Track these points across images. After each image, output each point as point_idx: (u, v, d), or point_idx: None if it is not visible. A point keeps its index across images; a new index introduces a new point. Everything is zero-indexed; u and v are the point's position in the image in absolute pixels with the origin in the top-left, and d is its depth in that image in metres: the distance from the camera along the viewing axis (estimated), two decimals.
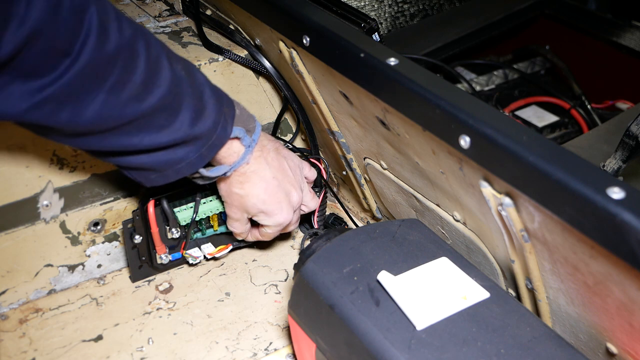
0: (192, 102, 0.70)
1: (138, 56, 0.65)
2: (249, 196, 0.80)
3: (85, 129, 0.66)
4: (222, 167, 0.77)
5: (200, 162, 0.74)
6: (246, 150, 0.77)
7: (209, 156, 0.74)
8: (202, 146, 0.73)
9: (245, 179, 0.79)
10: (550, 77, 1.38)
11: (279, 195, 0.81)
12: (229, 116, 0.75)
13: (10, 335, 0.82)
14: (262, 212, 0.82)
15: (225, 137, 0.74)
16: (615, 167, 0.79)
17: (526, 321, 0.60)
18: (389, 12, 1.32)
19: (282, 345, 0.81)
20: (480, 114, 0.60)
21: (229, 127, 0.75)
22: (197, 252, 0.91)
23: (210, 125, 0.72)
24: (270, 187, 0.80)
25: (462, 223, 0.75)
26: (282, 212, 0.82)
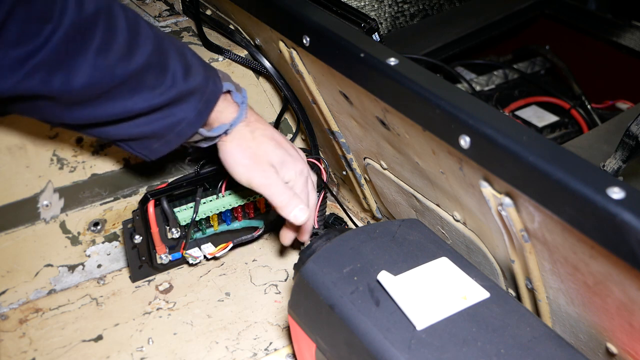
0: (178, 59, 0.71)
1: (117, 17, 0.66)
2: (264, 140, 0.79)
3: (80, 95, 0.66)
4: (223, 126, 0.76)
5: (199, 119, 0.74)
6: (241, 106, 0.77)
7: (206, 112, 0.74)
8: (197, 102, 0.73)
9: (252, 127, 0.78)
10: (550, 77, 1.38)
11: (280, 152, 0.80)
12: (215, 73, 0.76)
13: (10, 335, 0.82)
14: (283, 155, 0.80)
15: (218, 91, 0.75)
16: (615, 167, 0.79)
17: (526, 321, 0.60)
18: (389, 12, 1.32)
19: (282, 345, 0.81)
20: (480, 114, 0.60)
21: (219, 82, 0.75)
22: (197, 252, 0.91)
23: (201, 80, 0.73)
24: (277, 136, 0.80)
25: (462, 223, 0.75)
26: (298, 158, 0.82)
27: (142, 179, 0.93)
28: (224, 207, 0.88)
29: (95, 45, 0.65)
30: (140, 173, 0.93)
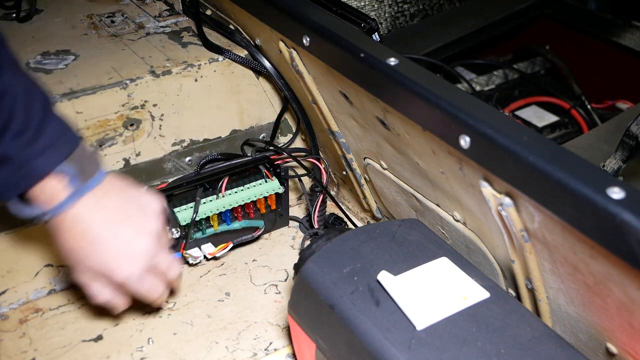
0: (18, 118, 0.62)
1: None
2: (81, 252, 0.69)
3: None
4: (37, 208, 0.66)
5: (10, 190, 0.64)
6: (72, 195, 0.66)
7: (21, 186, 0.64)
8: (14, 171, 0.63)
9: (67, 227, 0.68)
10: (550, 77, 1.38)
11: (114, 247, 0.69)
12: (61, 151, 0.65)
13: (10, 335, 0.82)
14: (100, 269, 0.70)
15: (46, 169, 0.64)
16: (615, 167, 0.79)
17: (526, 321, 0.60)
18: (389, 12, 1.32)
19: (282, 345, 0.81)
20: (480, 114, 0.60)
21: (56, 160, 0.64)
22: (197, 252, 0.91)
23: (29, 151, 0.62)
24: (102, 240, 0.68)
25: (462, 223, 0.75)
26: (120, 267, 0.69)
27: (142, 179, 0.93)
28: (224, 207, 0.88)
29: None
30: (140, 173, 0.93)
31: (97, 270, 0.70)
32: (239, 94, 0.98)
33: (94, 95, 0.85)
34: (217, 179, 0.89)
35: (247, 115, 1.00)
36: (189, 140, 0.96)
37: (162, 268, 0.74)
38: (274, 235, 0.99)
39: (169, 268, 0.75)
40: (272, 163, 0.92)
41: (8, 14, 1.07)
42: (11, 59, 0.64)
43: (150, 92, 0.90)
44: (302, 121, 0.96)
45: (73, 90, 0.85)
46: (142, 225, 0.71)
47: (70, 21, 1.05)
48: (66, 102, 0.83)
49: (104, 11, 1.09)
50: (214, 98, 0.96)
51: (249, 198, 0.90)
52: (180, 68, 0.92)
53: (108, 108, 0.87)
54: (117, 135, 0.88)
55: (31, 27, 1.03)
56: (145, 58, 0.94)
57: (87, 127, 0.86)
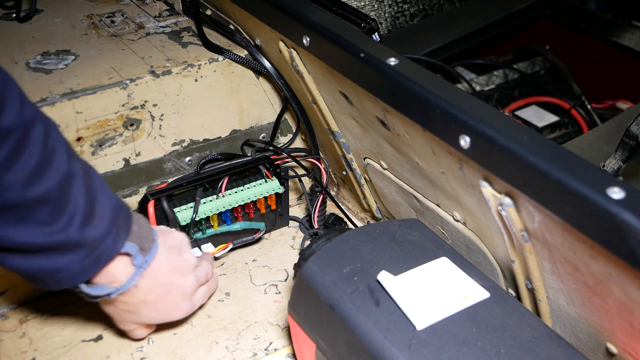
0: (82, 204, 0.64)
1: (33, 139, 0.60)
2: (140, 313, 0.75)
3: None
4: (106, 287, 0.70)
5: (82, 275, 0.67)
6: (136, 271, 0.70)
7: (92, 270, 0.67)
8: (85, 257, 0.66)
9: (132, 298, 0.73)
10: (550, 77, 1.38)
11: (171, 298, 0.76)
12: (123, 230, 0.69)
13: (10, 335, 0.82)
14: (160, 321, 0.78)
15: (114, 251, 0.68)
16: (615, 167, 0.79)
17: (526, 321, 0.60)
18: (389, 12, 1.32)
19: (282, 345, 0.81)
20: (480, 114, 0.60)
21: (121, 241, 0.68)
22: (197, 252, 0.91)
23: (98, 235, 0.65)
24: (161, 299, 0.75)
25: (462, 223, 0.75)
26: (180, 310, 0.78)
27: (142, 179, 0.93)
28: (224, 207, 0.88)
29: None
30: (140, 173, 0.93)
31: (154, 322, 0.79)
32: (239, 94, 0.98)
33: (94, 95, 0.85)
34: (217, 179, 0.89)
35: (247, 115, 1.00)
36: (189, 140, 0.96)
37: (202, 280, 0.81)
38: (274, 235, 0.99)
39: (207, 274, 0.82)
40: (272, 163, 0.92)
41: (8, 14, 1.07)
42: (67, 143, 0.66)
43: (150, 92, 0.90)
44: (302, 121, 0.96)
45: (73, 90, 0.85)
46: (185, 267, 0.77)
47: (70, 21, 1.05)
48: (66, 102, 0.83)
49: (104, 11, 1.09)
50: (214, 98, 0.96)
51: (249, 198, 0.90)
52: (180, 68, 0.92)
53: (108, 108, 0.87)
54: (117, 135, 0.89)
55: (31, 27, 1.03)
56: (145, 58, 0.94)
57: (87, 127, 0.86)
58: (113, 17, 1.07)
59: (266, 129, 1.03)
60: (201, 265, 0.81)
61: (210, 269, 0.83)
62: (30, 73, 0.89)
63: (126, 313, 0.75)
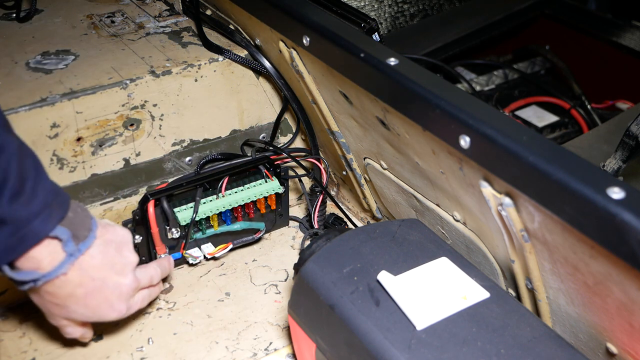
0: (12, 179, 0.60)
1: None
2: (69, 308, 0.70)
3: None
4: (32, 273, 0.65)
5: (5, 254, 0.63)
6: (66, 259, 0.66)
7: (17, 250, 0.63)
8: (10, 235, 0.61)
9: (53, 289, 0.68)
10: (550, 77, 1.38)
11: (104, 296, 0.71)
12: (56, 213, 0.64)
13: (10, 335, 0.82)
14: (91, 319, 0.73)
15: (42, 233, 0.63)
16: (615, 167, 0.79)
17: (526, 321, 0.60)
18: (389, 12, 1.32)
19: (282, 345, 0.81)
20: (480, 114, 0.60)
21: (51, 224, 0.64)
22: (197, 252, 0.91)
23: (26, 213, 0.61)
24: (92, 294, 0.70)
25: (462, 223, 0.75)
26: (114, 310, 0.73)
27: (142, 179, 0.93)
28: (224, 207, 0.88)
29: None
30: (140, 173, 0.93)
31: (85, 320, 0.73)
32: (239, 94, 0.98)
33: (94, 95, 0.85)
34: (217, 179, 0.89)
35: (247, 115, 1.00)
36: (189, 140, 0.96)
37: (145, 283, 0.77)
38: (274, 235, 0.99)
39: (152, 278, 0.78)
40: (272, 163, 0.92)
41: (8, 14, 1.07)
42: (3, 118, 0.63)
43: (150, 92, 0.90)
44: (302, 121, 0.96)
45: (73, 90, 0.85)
46: (123, 265, 0.73)
47: (70, 21, 1.05)
48: (66, 102, 0.83)
49: (104, 11, 1.09)
50: (214, 98, 0.96)
51: (249, 198, 0.90)
52: (180, 68, 0.92)
53: (108, 108, 0.87)
54: (117, 135, 0.89)
55: (31, 27, 1.03)
56: (145, 58, 0.94)
57: (87, 127, 0.86)
58: (113, 17, 1.07)
59: (266, 129, 1.03)
60: (148, 267, 0.78)
61: (158, 273, 0.79)
62: (30, 73, 0.89)
63: (54, 306, 0.70)
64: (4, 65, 0.91)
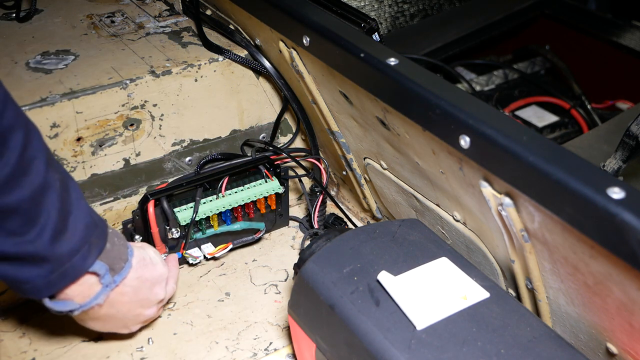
0: (54, 218, 0.62)
1: (9, 149, 0.58)
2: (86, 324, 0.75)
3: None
4: (69, 304, 0.69)
5: (46, 289, 0.66)
6: (102, 290, 0.69)
7: (58, 285, 0.66)
8: (51, 272, 0.64)
9: (86, 316, 0.72)
10: (550, 77, 1.38)
11: (124, 322, 0.77)
12: (95, 248, 0.67)
13: (10, 335, 0.82)
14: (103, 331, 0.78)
15: (82, 269, 0.66)
16: (615, 167, 0.79)
17: (526, 321, 0.60)
18: (389, 12, 1.32)
19: (282, 345, 0.81)
20: (480, 114, 0.60)
21: (90, 259, 0.67)
22: (197, 252, 0.91)
23: (67, 251, 0.64)
24: (113, 320, 0.75)
25: (462, 223, 0.75)
26: (129, 330, 0.79)
27: (142, 179, 0.93)
28: (223, 207, 0.88)
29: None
30: (140, 173, 0.93)
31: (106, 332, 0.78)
32: (239, 94, 0.98)
33: (94, 95, 0.85)
34: (217, 179, 0.89)
35: (247, 115, 1.00)
36: (189, 140, 0.96)
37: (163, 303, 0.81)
38: (274, 235, 0.99)
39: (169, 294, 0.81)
40: (272, 163, 0.92)
41: (8, 14, 1.07)
42: (48, 152, 0.64)
43: (150, 92, 0.90)
44: (302, 121, 0.96)
45: (73, 90, 0.85)
46: (151, 300, 0.77)
47: (70, 21, 1.05)
48: (66, 102, 0.83)
49: (104, 11, 1.09)
50: (214, 98, 0.96)
51: (249, 198, 0.90)
52: (180, 68, 0.92)
53: (108, 108, 0.87)
54: (117, 135, 0.89)
55: (31, 27, 1.03)
56: (145, 58, 0.94)
57: (87, 127, 0.86)
58: (113, 17, 1.07)
59: (266, 129, 1.03)
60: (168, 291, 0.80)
61: (174, 289, 0.82)
62: (30, 73, 0.89)
63: (84, 323, 0.75)
64: (4, 65, 0.91)
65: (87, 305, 0.69)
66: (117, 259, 0.70)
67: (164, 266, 0.78)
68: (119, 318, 0.75)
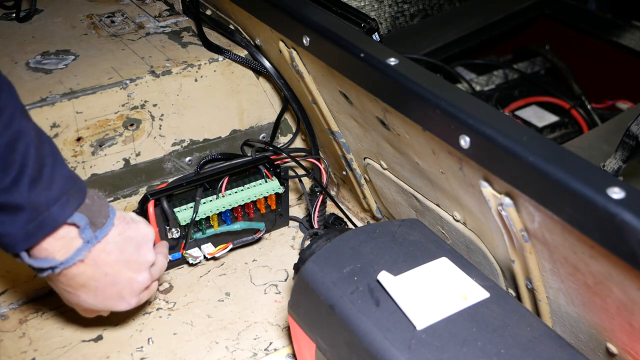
0: (31, 165, 0.60)
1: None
2: (79, 297, 0.72)
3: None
4: (50, 260, 0.65)
5: (24, 241, 0.63)
6: (83, 246, 0.66)
7: (35, 237, 0.63)
8: (29, 221, 0.61)
9: (69, 277, 0.69)
10: (550, 77, 1.38)
11: (116, 290, 0.72)
12: (74, 199, 0.64)
13: (10, 335, 0.82)
14: (100, 308, 0.75)
15: (60, 219, 0.63)
16: (615, 167, 0.79)
17: (526, 321, 0.60)
18: (389, 12, 1.32)
19: (282, 345, 0.81)
20: (480, 114, 0.60)
21: (69, 210, 0.64)
22: (197, 252, 0.91)
23: (45, 200, 0.62)
24: (104, 288, 0.71)
25: (462, 223, 0.75)
26: (125, 302, 0.74)
27: (142, 179, 0.93)
28: (223, 207, 0.88)
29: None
30: (140, 173, 0.93)
31: (97, 309, 0.75)
32: (239, 94, 0.98)
33: (94, 95, 0.85)
34: (217, 179, 0.89)
35: (247, 115, 1.00)
36: (189, 140, 0.96)
37: (156, 277, 0.77)
38: (274, 235, 0.99)
39: (161, 270, 0.78)
40: (272, 163, 0.92)
41: (8, 13, 1.07)
42: (21, 105, 0.62)
43: (150, 92, 0.90)
44: (302, 121, 0.96)
45: (73, 90, 0.85)
46: (139, 262, 0.73)
47: (70, 21, 1.05)
48: (66, 102, 0.83)
49: (104, 11, 1.09)
50: (214, 98, 0.96)
51: (249, 198, 0.90)
52: (180, 68, 0.92)
53: (108, 108, 0.87)
54: (117, 135, 0.89)
55: (31, 27, 1.03)
56: (145, 58, 0.94)
57: (87, 127, 0.86)
58: (113, 17, 1.07)
59: (266, 129, 1.03)
60: (157, 261, 0.78)
61: (165, 263, 0.80)
62: (30, 73, 0.89)
63: (67, 293, 0.72)
64: (4, 65, 0.91)
65: (69, 262, 0.66)
66: (98, 214, 0.67)
67: (148, 226, 0.75)
68: (110, 283, 0.71)
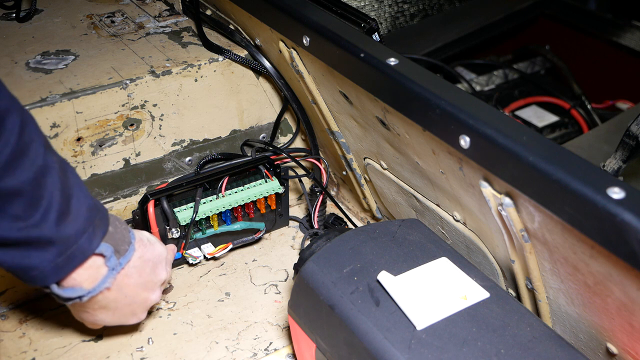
0: (58, 199, 0.61)
1: (7, 130, 0.57)
2: (96, 317, 0.74)
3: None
4: (78, 290, 0.67)
5: (54, 274, 0.64)
6: (109, 273, 0.68)
7: (65, 269, 0.65)
8: (58, 255, 0.63)
9: (96, 305, 0.71)
10: (550, 77, 1.38)
11: (131, 309, 0.75)
12: (99, 229, 0.66)
13: (10, 335, 0.82)
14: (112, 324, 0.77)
15: (88, 251, 0.65)
16: (615, 167, 0.79)
17: (526, 321, 0.60)
18: (389, 12, 1.32)
19: (282, 345, 0.81)
20: (480, 114, 0.60)
21: (96, 241, 0.66)
22: (197, 252, 0.91)
23: (73, 232, 0.63)
24: (121, 308, 0.74)
25: (462, 223, 0.75)
26: (137, 318, 0.77)
27: (142, 179, 0.93)
28: (223, 207, 0.88)
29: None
30: (140, 173, 0.93)
31: (109, 325, 0.77)
32: (239, 94, 0.98)
33: (94, 95, 0.85)
34: (217, 179, 0.89)
35: (247, 115, 1.00)
36: (189, 140, 0.96)
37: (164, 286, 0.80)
38: (274, 235, 0.99)
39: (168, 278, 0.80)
40: (272, 163, 0.92)
41: (8, 14, 1.07)
42: (44, 138, 0.63)
43: (150, 92, 0.90)
44: (302, 121, 0.96)
45: (73, 90, 0.85)
46: (154, 282, 0.76)
47: (70, 21, 1.05)
48: (66, 102, 0.83)
49: (104, 11, 1.09)
50: (214, 98, 0.96)
51: (249, 198, 0.90)
52: (180, 68, 0.92)
53: (108, 108, 0.87)
54: (117, 135, 0.89)
55: (31, 27, 1.03)
56: (145, 58, 0.94)
57: (87, 127, 0.86)
58: (113, 17, 1.07)
59: (266, 129, 1.03)
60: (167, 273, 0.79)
61: (170, 272, 0.81)
62: (30, 73, 0.89)
63: (83, 314, 0.74)
64: (4, 65, 0.91)
65: (96, 290, 0.68)
66: (121, 242, 0.69)
67: (162, 246, 0.77)
68: (127, 304, 0.74)
